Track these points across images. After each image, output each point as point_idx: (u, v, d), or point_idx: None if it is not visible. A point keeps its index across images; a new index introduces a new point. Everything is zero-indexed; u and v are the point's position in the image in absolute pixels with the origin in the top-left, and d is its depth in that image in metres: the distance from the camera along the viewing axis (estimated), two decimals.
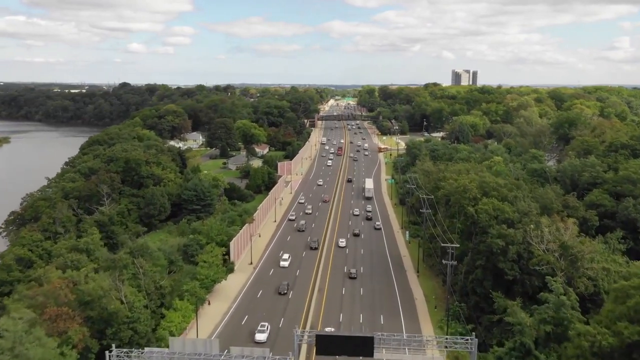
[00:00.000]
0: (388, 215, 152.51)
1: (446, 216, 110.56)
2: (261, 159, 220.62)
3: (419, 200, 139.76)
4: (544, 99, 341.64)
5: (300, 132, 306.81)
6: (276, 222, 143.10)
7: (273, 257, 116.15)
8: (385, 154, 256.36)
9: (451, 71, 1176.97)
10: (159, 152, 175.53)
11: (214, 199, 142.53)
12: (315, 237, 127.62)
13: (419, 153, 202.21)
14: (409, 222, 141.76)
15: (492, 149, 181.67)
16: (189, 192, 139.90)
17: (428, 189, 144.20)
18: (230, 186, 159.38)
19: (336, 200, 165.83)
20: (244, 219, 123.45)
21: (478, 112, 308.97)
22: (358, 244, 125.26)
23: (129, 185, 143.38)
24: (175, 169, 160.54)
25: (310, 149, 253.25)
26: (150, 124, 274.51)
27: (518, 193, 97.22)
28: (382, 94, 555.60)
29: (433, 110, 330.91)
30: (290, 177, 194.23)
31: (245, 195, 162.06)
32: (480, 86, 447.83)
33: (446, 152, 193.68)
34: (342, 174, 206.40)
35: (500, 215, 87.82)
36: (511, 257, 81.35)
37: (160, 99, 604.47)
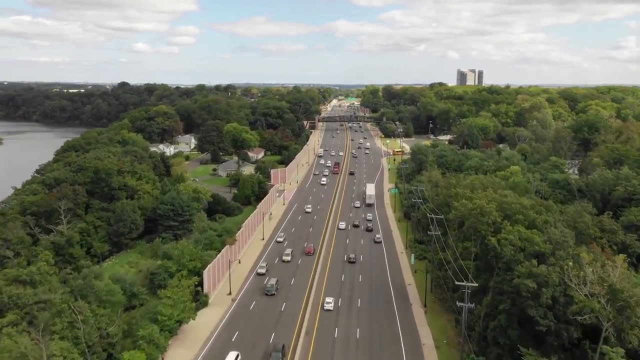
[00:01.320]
0: (391, 232, 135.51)
1: (459, 239, 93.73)
2: (254, 165, 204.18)
3: (426, 216, 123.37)
4: (556, 100, 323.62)
5: (298, 135, 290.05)
6: (264, 240, 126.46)
7: (257, 285, 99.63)
8: (388, 159, 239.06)
9: (456, 71, 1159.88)
10: (139, 158, 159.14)
11: (194, 213, 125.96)
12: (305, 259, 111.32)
13: (425, 159, 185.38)
14: (414, 241, 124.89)
15: (506, 156, 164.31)
16: (165, 207, 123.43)
17: (436, 202, 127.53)
18: (214, 198, 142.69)
19: (333, 214, 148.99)
20: (224, 239, 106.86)
21: (487, 113, 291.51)
22: (355, 271, 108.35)
23: (99, 198, 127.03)
24: (154, 178, 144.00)
25: (309, 154, 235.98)
26: (139, 126, 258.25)
27: (548, 217, 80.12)
28: (386, 94, 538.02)
29: (439, 111, 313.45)
30: (284, 185, 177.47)
31: (231, 208, 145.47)
32: (488, 86, 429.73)
33: (455, 158, 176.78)
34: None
35: (529, 247, 70.83)
36: (545, 302, 64.53)
37: (159, 99, 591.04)
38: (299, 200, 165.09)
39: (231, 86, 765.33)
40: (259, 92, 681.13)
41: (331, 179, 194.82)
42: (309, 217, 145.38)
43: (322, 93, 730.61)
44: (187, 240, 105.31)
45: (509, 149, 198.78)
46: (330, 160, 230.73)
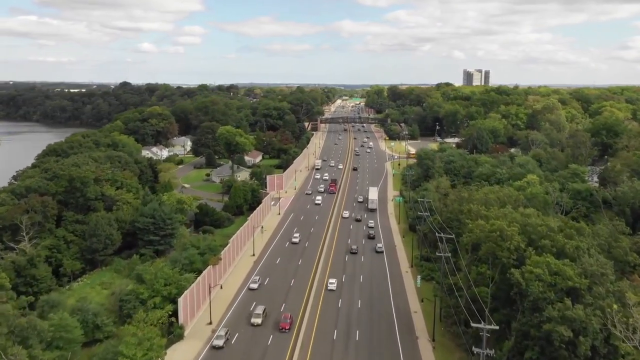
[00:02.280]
0: (394, 247, 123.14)
1: (472, 261, 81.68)
2: (250, 170, 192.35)
3: (433, 230, 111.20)
4: (569, 101, 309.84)
5: (299, 137, 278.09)
6: (255, 256, 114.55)
7: (242, 312, 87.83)
8: (392, 164, 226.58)
9: (463, 71, 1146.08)
10: (123, 164, 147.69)
11: (177, 227, 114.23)
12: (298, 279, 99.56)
13: (432, 165, 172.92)
14: (420, 258, 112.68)
15: (520, 162, 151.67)
16: (145, 220, 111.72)
17: (445, 215, 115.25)
18: (201, 209, 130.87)
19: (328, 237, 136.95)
20: (207, 258, 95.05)
21: (496, 115, 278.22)
22: (354, 292, 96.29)
23: (73, 209, 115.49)
24: (137, 186, 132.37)
25: (308, 158, 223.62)
26: (132, 127, 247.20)
27: (580, 241, 67.74)
28: (391, 95, 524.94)
29: (446, 112, 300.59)
30: (280, 193, 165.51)
31: (221, 220, 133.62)
32: (497, 86, 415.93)
33: (464, 164, 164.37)
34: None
35: (560, 282, 58.60)
36: (583, 353, 52.46)
37: (160, 99, 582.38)
38: (295, 209, 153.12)
39: (234, 86, 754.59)
40: (262, 92, 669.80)
41: (327, 198, 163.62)
42: (305, 230, 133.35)
43: (326, 93, 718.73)
44: (164, 260, 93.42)
45: (521, 153, 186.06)
46: (328, 173, 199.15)
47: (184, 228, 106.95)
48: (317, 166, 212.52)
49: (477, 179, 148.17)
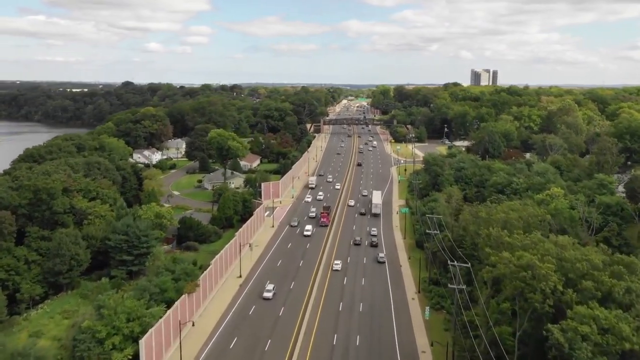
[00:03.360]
0: (400, 267, 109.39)
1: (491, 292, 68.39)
2: (245, 176, 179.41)
3: (443, 247, 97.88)
4: (584, 102, 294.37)
5: (300, 139, 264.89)
6: (241, 278, 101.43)
7: (221, 353, 74.73)
8: (398, 169, 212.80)
9: (470, 71, 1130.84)
10: (103, 171, 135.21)
11: (155, 245, 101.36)
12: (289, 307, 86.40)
13: (440, 172, 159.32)
14: (428, 282, 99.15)
15: (538, 170, 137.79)
16: (117, 237, 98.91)
17: (456, 233, 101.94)
18: (184, 222, 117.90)
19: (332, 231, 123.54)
20: (182, 286, 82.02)
21: (508, 116, 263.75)
22: (352, 323, 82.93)
23: (39, 224, 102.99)
24: (115, 197, 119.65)
25: (308, 163, 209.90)
26: (124, 129, 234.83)
27: (632, 282, 54.01)
28: (397, 95, 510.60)
29: (455, 114, 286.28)
30: (274, 202, 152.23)
31: (207, 234, 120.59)
32: (508, 86, 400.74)
33: (476, 172, 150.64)
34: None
35: (614, 344, 45.02)
36: None
37: (162, 98, 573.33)
38: (292, 221, 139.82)
39: (237, 86, 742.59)
40: (267, 92, 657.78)
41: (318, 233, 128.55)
42: (301, 246, 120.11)
43: (331, 93, 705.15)
44: (131, 287, 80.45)
45: (537, 159, 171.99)
46: (323, 193, 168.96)
47: (159, 248, 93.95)
48: (311, 184, 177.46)
49: (491, 189, 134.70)
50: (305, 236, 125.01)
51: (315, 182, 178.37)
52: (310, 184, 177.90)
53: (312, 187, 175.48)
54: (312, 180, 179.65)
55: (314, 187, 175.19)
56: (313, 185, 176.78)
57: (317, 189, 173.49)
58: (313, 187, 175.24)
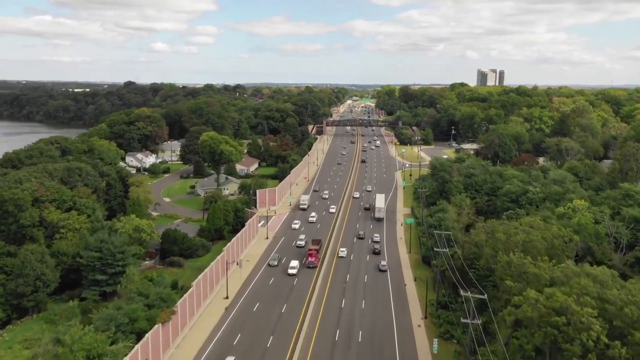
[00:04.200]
0: (405, 286, 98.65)
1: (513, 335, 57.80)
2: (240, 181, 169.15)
3: (452, 267, 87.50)
4: (597, 103, 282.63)
5: (301, 142, 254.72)
6: (228, 299, 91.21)
7: None
8: (403, 174, 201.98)
9: (477, 71, 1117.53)
10: (84, 178, 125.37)
11: (133, 262, 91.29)
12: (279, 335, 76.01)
13: (448, 178, 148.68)
14: (436, 306, 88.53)
15: (554, 177, 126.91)
16: (90, 254, 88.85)
17: (468, 250, 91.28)
18: (168, 236, 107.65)
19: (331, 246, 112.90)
20: (154, 314, 71.84)
21: (518, 118, 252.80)
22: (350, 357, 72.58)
23: (4, 238, 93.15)
24: (94, 207, 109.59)
25: (308, 168, 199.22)
26: (118, 131, 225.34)
27: None
28: (403, 95, 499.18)
29: (463, 115, 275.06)
30: (268, 210, 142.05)
31: (194, 248, 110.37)
32: (516, 86, 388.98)
33: (487, 179, 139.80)
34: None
35: None
36: None
37: (164, 99, 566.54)
38: (288, 232, 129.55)
39: (240, 86, 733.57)
40: (270, 93, 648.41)
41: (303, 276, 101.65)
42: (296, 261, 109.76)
43: (335, 93, 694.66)
44: (95, 317, 70.22)
45: (551, 164, 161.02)
46: (316, 213, 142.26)
47: (132, 269, 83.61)
48: (303, 204, 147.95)
49: (504, 198, 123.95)
50: (290, 275, 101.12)
51: (307, 202, 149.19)
52: (302, 204, 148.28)
53: (304, 207, 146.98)
54: (304, 200, 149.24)
55: (306, 208, 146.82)
56: (305, 205, 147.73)
57: (309, 210, 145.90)
58: (305, 208, 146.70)
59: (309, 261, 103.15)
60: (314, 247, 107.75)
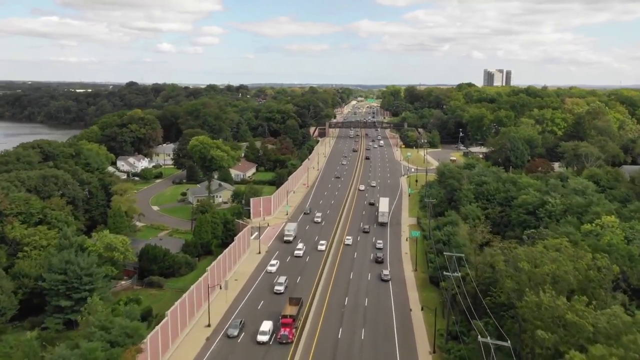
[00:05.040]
0: (410, 312, 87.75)
1: None
2: (234, 188, 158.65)
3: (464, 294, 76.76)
4: (611, 104, 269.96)
5: (302, 145, 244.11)
6: (211, 326, 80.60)
7: None
8: (409, 179, 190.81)
9: (483, 71, 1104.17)
10: (61, 186, 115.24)
11: (102, 285, 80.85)
12: None
13: (458, 186, 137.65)
14: (446, 337, 77.54)
15: (575, 186, 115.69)
16: (53, 277, 78.49)
17: (482, 273, 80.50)
18: (146, 252, 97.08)
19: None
20: (117, 354, 61.24)
21: (529, 120, 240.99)
22: None
23: None
24: (68, 220, 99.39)
25: (308, 173, 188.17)
26: (110, 133, 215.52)
27: None
28: (408, 96, 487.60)
29: (471, 117, 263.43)
30: (260, 224, 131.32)
31: (177, 266, 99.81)
32: (526, 87, 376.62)
33: (500, 187, 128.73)
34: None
35: None
36: None
37: (165, 99, 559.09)
38: (282, 246, 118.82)
39: (243, 86, 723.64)
40: (274, 93, 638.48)
41: None
42: (291, 279, 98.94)
43: (339, 94, 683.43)
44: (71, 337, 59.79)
45: (570, 171, 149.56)
46: (303, 245, 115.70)
47: (95, 298, 72.85)
48: (288, 234, 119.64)
49: (520, 210, 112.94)
50: (277, 292, 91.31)
51: (293, 233, 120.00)
52: (287, 234, 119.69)
53: (289, 239, 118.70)
54: (290, 230, 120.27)
55: (291, 240, 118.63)
56: (290, 236, 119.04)
57: (295, 242, 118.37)
58: (290, 240, 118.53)
59: (281, 335, 74.34)
60: (290, 314, 77.56)
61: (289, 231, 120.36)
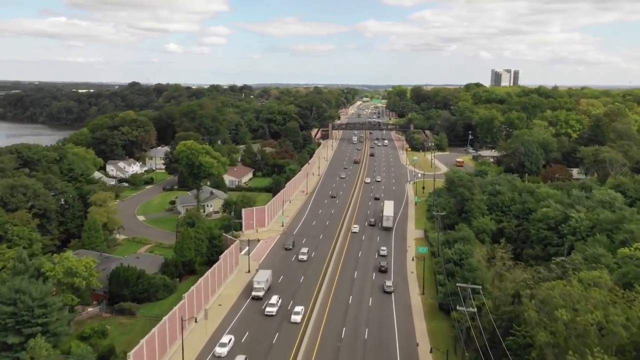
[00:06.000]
0: (417, 346, 75.87)
1: None
2: (230, 195, 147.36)
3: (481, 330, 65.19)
4: (629, 105, 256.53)
5: (303, 148, 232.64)
6: None
7: None
8: (415, 186, 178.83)
9: (491, 71, 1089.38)
10: (30, 197, 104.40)
11: (60, 316, 69.66)
12: None
13: (469, 196, 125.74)
14: None
15: (601, 198, 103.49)
16: (2, 308, 67.19)
17: (503, 307, 68.91)
18: (113, 278, 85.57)
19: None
20: None
21: (542, 122, 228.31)
22: None
23: None
24: (31, 237, 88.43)
25: (307, 180, 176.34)
26: (100, 136, 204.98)
27: None
28: (415, 96, 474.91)
29: (481, 119, 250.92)
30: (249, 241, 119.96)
31: (152, 289, 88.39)
32: (536, 87, 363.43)
33: (516, 198, 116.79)
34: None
35: None
36: None
37: (167, 100, 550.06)
38: (276, 262, 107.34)
39: (247, 87, 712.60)
40: (278, 93, 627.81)
41: None
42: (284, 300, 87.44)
43: (345, 94, 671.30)
44: None
45: (591, 178, 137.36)
46: (278, 297, 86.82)
47: (40, 339, 61.71)
48: (257, 289, 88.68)
49: (540, 225, 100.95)
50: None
51: (264, 285, 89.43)
52: (256, 288, 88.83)
53: (258, 294, 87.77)
54: (261, 281, 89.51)
55: (261, 296, 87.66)
56: (260, 290, 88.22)
57: (267, 297, 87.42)
58: (259, 297, 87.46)
59: None
60: None
61: (259, 283, 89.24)
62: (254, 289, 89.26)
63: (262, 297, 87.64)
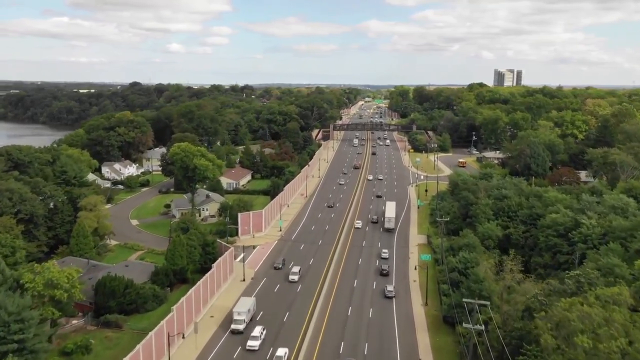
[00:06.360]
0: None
1: None
2: (226, 198, 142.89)
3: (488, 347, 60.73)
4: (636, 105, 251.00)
5: (303, 149, 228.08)
6: None
7: None
8: (417, 189, 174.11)
9: (493, 71, 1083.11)
10: (16, 202, 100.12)
11: (38, 332, 65.34)
12: None
13: (474, 200, 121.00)
14: None
15: (613, 203, 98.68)
16: None
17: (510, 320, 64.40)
18: (99, 289, 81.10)
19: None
20: None
21: (547, 122, 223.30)
22: None
23: None
24: (15, 244, 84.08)
25: (307, 182, 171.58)
26: (96, 137, 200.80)
27: None
28: (417, 96, 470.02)
29: (485, 119, 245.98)
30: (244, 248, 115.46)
31: (141, 300, 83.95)
32: (541, 86, 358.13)
33: (523, 202, 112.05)
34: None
35: None
36: None
37: (168, 100, 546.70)
38: (271, 272, 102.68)
39: (248, 87, 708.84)
40: (279, 93, 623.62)
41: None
42: (278, 316, 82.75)
43: (347, 94, 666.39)
44: None
45: (601, 182, 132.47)
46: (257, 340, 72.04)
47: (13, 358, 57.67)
48: (237, 322, 76.19)
49: (549, 231, 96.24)
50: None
51: (245, 317, 77.00)
52: (236, 320, 76.62)
53: (238, 327, 75.75)
54: (241, 313, 77.00)
55: (242, 329, 75.67)
56: (241, 323, 76.22)
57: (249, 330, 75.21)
58: (240, 330, 75.60)
59: None
60: None
61: (240, 314, 76.65)
62: (234, 320, 76.54)
63: (242, 331, 75.24)
